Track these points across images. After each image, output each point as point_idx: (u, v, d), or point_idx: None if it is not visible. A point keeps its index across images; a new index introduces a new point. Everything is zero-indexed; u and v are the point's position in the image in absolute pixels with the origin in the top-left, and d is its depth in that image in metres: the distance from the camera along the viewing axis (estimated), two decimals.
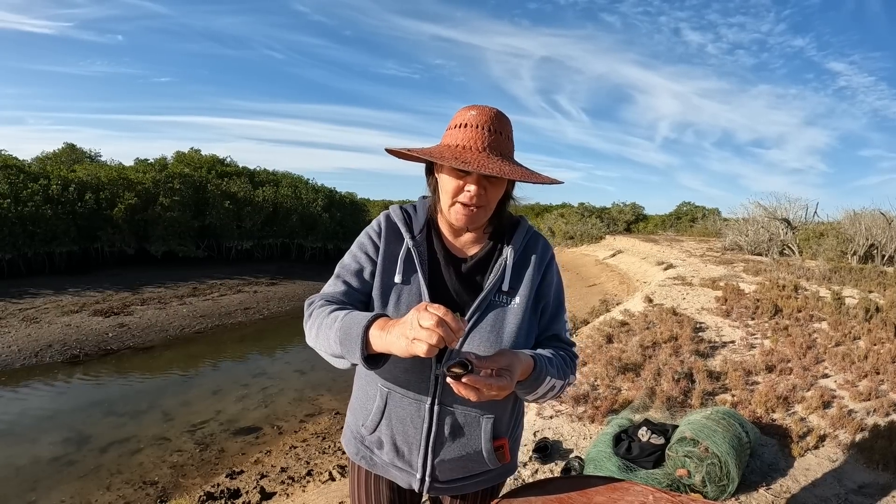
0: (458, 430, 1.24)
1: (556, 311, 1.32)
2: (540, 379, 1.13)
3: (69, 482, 5.09)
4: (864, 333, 6.52)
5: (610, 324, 7.53)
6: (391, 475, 1.34)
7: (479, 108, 1.16)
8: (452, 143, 1.15)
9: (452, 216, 1.20)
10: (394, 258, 1.26)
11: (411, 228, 1.29)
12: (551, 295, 1.31)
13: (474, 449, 1.25)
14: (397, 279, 1.24)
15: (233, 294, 15.07)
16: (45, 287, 13.46)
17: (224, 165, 22.81)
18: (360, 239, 1.33)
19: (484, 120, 1.14)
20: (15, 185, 14.60)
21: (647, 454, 3.21)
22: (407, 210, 1.34)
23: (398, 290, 1.24)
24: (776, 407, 4.38)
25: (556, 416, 4.38)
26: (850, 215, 17.23)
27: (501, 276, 1.24)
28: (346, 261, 1.32)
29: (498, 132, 1.14)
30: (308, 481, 4.89)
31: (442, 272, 1.27)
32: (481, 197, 1.15)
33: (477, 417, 1.24)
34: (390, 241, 1.29)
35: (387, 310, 1.23)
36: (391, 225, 1.31)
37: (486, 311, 1.21)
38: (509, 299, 1.23)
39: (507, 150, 1.16)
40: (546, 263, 1.31)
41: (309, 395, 7.63)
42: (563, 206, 46.39)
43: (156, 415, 6.78)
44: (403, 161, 1.26)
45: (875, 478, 3.33)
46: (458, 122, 1.16)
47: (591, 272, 19.92)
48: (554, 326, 1.31)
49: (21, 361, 8.68)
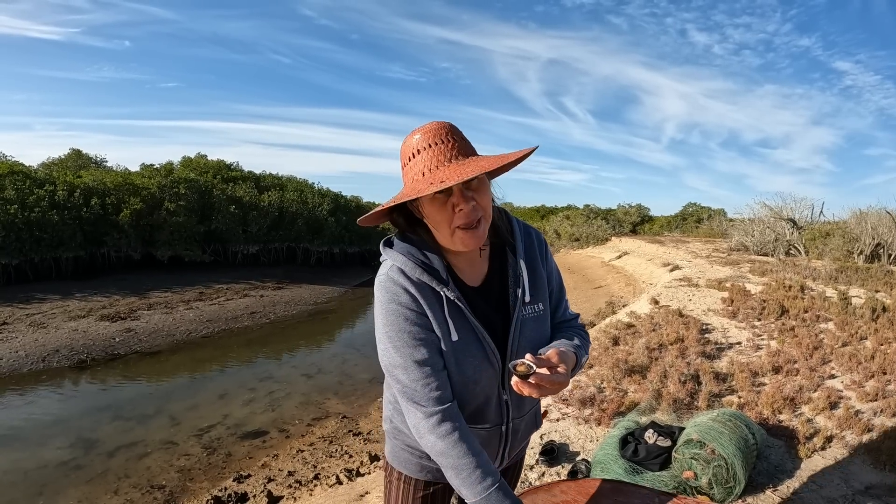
0: (522, 425, 1.37)
1: (559, 295, 1.40)
2: (579, 367, 1.23)
3: (77, 486, 5.12)
4: (871, 333, 6.48)
5: (616, 326, 7.52)
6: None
7: (421, 128, 1.10)
8: (418, 174, 1.08)
9: (459, 244, 1.12)
10: (440, 317, 1.15)
11: (438, 276, 1.15)
12: (555, 281, 1.38)
13: (531, 432, 1.46)
14: (454, 338, 1.15)
15: (239, 298, 15.13)
16: (52, 292, 13.55)
17: (230, 170, 22.94)
18: (395, 321, 1.14)
19: (433, 136, 1.08)
20: (21, 191, 14.72)
21: (653, 456, 3.20)
22: (416, 257, 1.16)
23: (462, 349, 1.16)
24: (783, 408, 4.37)
25: (562, 418, 4.38)
26: (856, 214, 17.12)
27: (523, 291, 1.25)
28: (397, 351, 1.14)
29: (453, 139, 1.09)
30: (315, 485, 4.90)
31: (479, 310, 1.20)
32: (476, 209, 1.08)
33: (533, 409, 1.41)
34: (431, 304, 1.15)
35: (464, 372, 1.17)
36: (415, 283, 1.14)
37: (524, 328, 1.24)
38: (534, 308, 1.27)
39: (471, 150, 1.11)
40: (546, 255, 1.36)
41: (316, 398, 7.65)
42: (569, 208, 46.35)
43: (163, 419, 6.81)
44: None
45: (882, 478, 3.32)
46: (410, 154, 1.10)
47: (597, 274, 19.87)
48: (561, 308, 1.40)
49: (28, 366, 8.74)
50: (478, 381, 1.19)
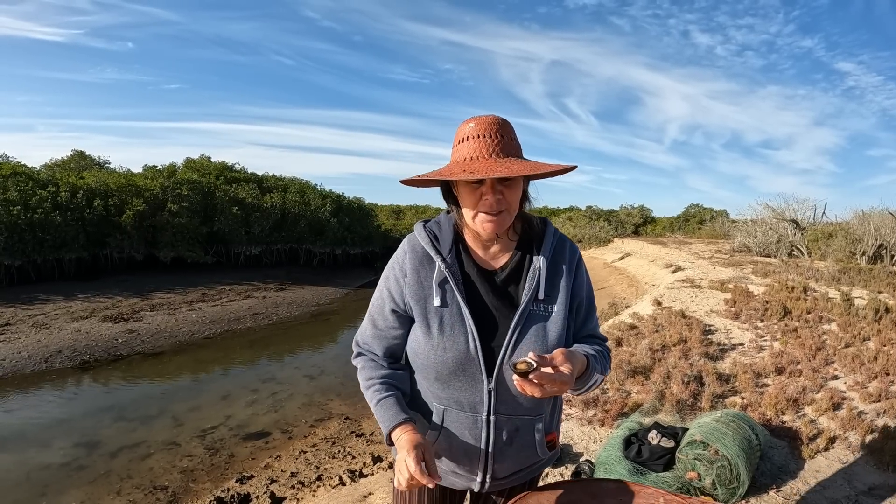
0: (515, 434, 1.29)
1: (588, 310, 1.37)
2: (591, 377, 1.20)
3: (79, 487, 5.12)
4: (874, 334, 6.47)
5: (619, 327, 7.52)
6: (448, 482, 1.38)
7: (477, 118, 1.19)
8: (460, 158, 1.17)
9: (479, 227, 1.21)
10: (427, 282, 1.26)
11: (440, 249, 1.28)
12: (584, 295, 1.35)
13: (530, 448, 1.32)
14: (436, 303, 1.24)
15: (242, 299, 15.14)
16: (55, 293, 13.58)
17: (232, 171, 22.97)
18: (386, 273, 1.35)
19: (484, 128, 1.16)
20: (24, 193, 14.76)
21: (657, 457, 3.20)
22: (432, 229, 1.33)
23: (439, 313, 1.24)
24: (786, 409, 4.36)
25: (566, 419, 4.38)
26: (858, 215, 17.10)
27: (536, 285, 1.26)
28: (374, 299, 1.36)
29: (500, 136, 1.16)
30: (318, 486, 4.90)
31: (478, 289, 1.27)
32: (500, 202, 1.17)
33: (531, 420, 1.30)
34: (420, 267, 1.28)
35: (431, 333, 1.25)
36: (418, 250, 1.30)
37: (528, 322, 1.24)
38: (547, 307, 1.26)
39: (514, 151, 1.18)
40: (576, 265, 1.34)
41: (318, 399, 7.65)
42: (571, 210, 46.33)
43: (166, 420, 6.82)
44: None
45: (885, 479, 3.31)
46: (460, 138, 1.19)
47: (600, 275, 19.86)
48: (588, 325, 1.37)
49: (31, 367, 8.76)
50: (447, 348, 1.22)
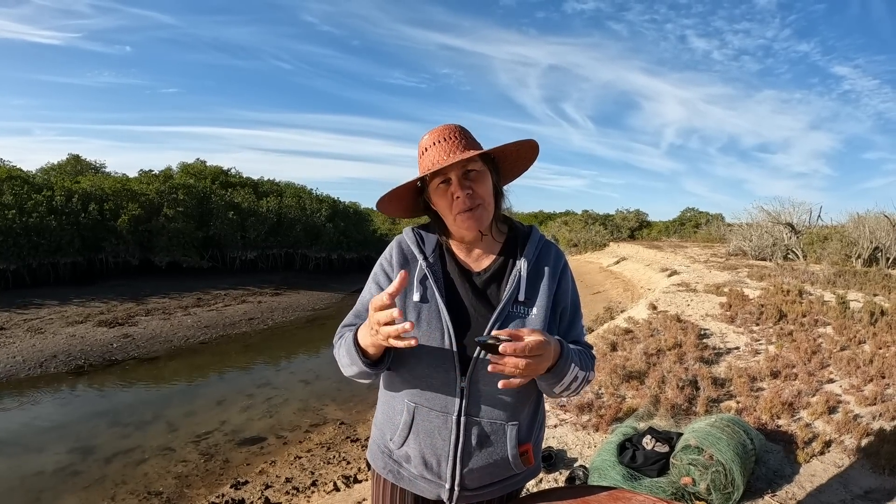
0: (485, 440, 1.26)
1: (573, 317, 1.36)
2: (567, 365, 1.16)
3: (73, 492, 5.09)
4: (870, 337, 6.49)
5: (614, 331, 7.52)
6: (418, 488, 1.35)
7: (434, 129, 1.26)
8: (424, 169, 1.24)
9: (461, 227, 1.25)
10: (410, 278, 1.30)
11: (423, 250, 1.35)
12: (568, 301, 1.34)
13: (501, 456, 1.28)
14: (415, 298, 1.27)
15: (237, 304, 15.08)
16: (50, 297, 13.51)
17: (228, 176, 22.94)
18: (375, 269, 1.40)
19: (441, 134, 1.24)
20: (19, 197, 14.71)
21: (651, 462, 3.20)
22: (419, 232, 1.40)
23: (417, 307, 1.27)
24: (781, 413, 4.36)
25: (560, 424, 4.37)
26: (854, 218, 17.19)
27: (516, 287, 1.27)
28: (363, 293, 1.40)
29: (457, 137, 1.24)
30: (313, 492, 4.88)
31: (457, 288, 1.31)
32: (472, 196, 1.21)
33: (502, 426, 1.26)
34: (405, 264, 1.34)
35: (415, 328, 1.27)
36: (403, 249, 1.37)
37: (505, 322, 1.24)
38: (527, 310, 1.26)
39: (475, 146, 1.26)
40: (560, 271, 1.34)
41: (314, 405, 7.62)
42: (567, 214, 46.47)
43: (160, 425, 6.78)
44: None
45: (882, 483, 3.31)
46: (422, 150, 1.27)
47: (596, 279, 19.89)
48: (572, 332, 1.35)
49: (26, 372, 8.70)
50: (423, 342, 1.23)
